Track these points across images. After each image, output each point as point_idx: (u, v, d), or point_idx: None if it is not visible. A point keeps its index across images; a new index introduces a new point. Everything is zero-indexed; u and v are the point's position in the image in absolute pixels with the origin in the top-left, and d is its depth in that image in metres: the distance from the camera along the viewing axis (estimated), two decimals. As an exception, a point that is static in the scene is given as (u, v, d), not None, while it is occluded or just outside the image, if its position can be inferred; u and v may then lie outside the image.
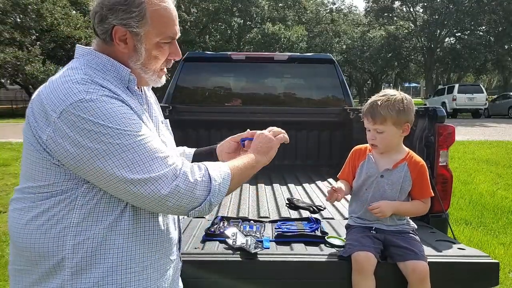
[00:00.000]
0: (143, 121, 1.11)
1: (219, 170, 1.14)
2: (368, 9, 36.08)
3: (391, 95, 1.72)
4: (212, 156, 1.56)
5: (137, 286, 1.11)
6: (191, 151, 1.65)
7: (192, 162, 1.55)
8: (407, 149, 1.83)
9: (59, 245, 1.05)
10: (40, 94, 1.05)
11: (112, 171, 1.00)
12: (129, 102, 1.10)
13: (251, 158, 1.28)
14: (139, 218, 1.12)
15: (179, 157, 1.13)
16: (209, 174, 1.11)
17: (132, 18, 1.11)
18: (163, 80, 1.27)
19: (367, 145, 1.86)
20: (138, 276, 1.11)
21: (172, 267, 1.23)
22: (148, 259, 1.14)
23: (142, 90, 1.30)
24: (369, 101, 1.77)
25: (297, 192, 2.96)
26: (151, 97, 1.36)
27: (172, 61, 1.27)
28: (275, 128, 1.37)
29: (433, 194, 1.79)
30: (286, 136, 1.37)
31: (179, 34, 1.23)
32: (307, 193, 2.94)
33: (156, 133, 1.23)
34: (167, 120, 1.53)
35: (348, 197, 1.96)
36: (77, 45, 1.20)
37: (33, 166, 1.07)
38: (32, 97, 1.08)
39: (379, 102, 1.69)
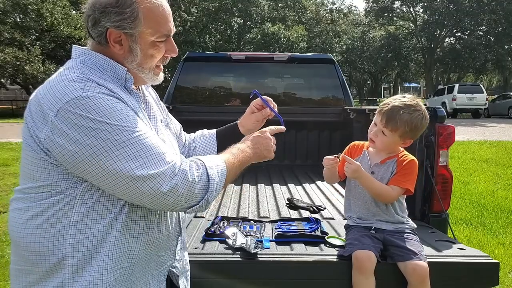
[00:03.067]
0: (140, 118, 1.10)
1: (217, 168, 1.14)
2: (368, 9, 36.08)
3: (416, 109, 1.67)
4: (237, 135, 1.58)
5: (124, 281, 1.12)
6: (212, 132, 1.66)
7: (217, 142, 1.61)
8: (402, 149, 1.83)
9: (59, 244, 1.06)
10: (37, 94, 1.05)
11: (110, 168, 0.99)
12: (126, 99, 1.10)
13: (247, 156, 1.29)
14: (136, 215, 1.12)
15: (177, 154, 1.13)
16: (207, 173, 1.11)
17: (125, 20, 1.10)
18: (161, 77, 1.27)
19: (365, 142, 1.87)
20: (125, 271, 1.11)
21: (156, 262, 1.22)
22: (138, 255, 1.14)
23: (140, 89, 1.30)
24: (391, 101, 1.72)
25: (297, 192, 2.96)
26: (149, 96, 1.36)
27: (169, 58, 1.26)
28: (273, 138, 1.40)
29: (409, 188, 1.72)
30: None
31: (174, 31, 1.22)
32: (307, 193, 2.93)
33: (154, 131, 1.22)
34: (170, 116, 1.53)
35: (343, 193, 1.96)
36: (74, 45, 1.20)
37: (32, 166, 1.07)
38: (30, 98, 1.08)
39: (401, 111, 1.66)
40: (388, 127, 1.69)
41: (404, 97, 1.74)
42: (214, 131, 1.66)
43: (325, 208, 2.51)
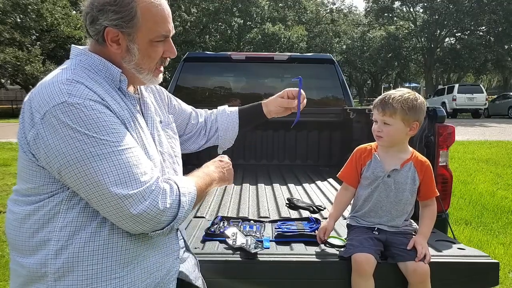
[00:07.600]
0: (127, 128, 1.09)
1: (189, 194, 1.13)
2: (368, 9, 36.09)
3: (406, 92, 1.74)
4: (259, 116, 1.65)
5: None
6: (233, 110, 1.69)
7: (239, 121, 1.66)
8: (411, 148, 1.83)
9: (43, 249, 1.04)
10: (30, 96, 1.05)
11: (82, 179, 0.98)
12: (114, 106, 1.08)
13: (213, 181, 1.33)
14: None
15: (156, 171, 1.09)
16: (179, 201, 1.09)
17: (122, 19, 1.09)
18: (160, 78, 1.25)
19: (371, 144, 1.86)
20: (121, 281, 1.08)
21: (158, 270, 1.19)
22: (130, 264, 1.10)
23: (138, 90, 1.29)
24: (383, 94, 1.78)
25: (297, 192, 2.96)
26: (148, 97, 1.34)
27: (168, 60, 1.25)
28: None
29: (438, 194, 1.79)
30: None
31: (173, 32, 1.21)
32: (307, 193, 2.93)
33: (148, 136, 1.20)
34: (179, 101, 1.56)
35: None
36: (72, 45, 1.19)
37: (23, 168, 1.07)
38: (25, 99, 1.08)
39: (392, 96, 1.72)
40: (386, 113, 1.70)
41: (396, 89, 1.81)
42: (236, 109, 1.68)
43: (325, 208, 2.50)
